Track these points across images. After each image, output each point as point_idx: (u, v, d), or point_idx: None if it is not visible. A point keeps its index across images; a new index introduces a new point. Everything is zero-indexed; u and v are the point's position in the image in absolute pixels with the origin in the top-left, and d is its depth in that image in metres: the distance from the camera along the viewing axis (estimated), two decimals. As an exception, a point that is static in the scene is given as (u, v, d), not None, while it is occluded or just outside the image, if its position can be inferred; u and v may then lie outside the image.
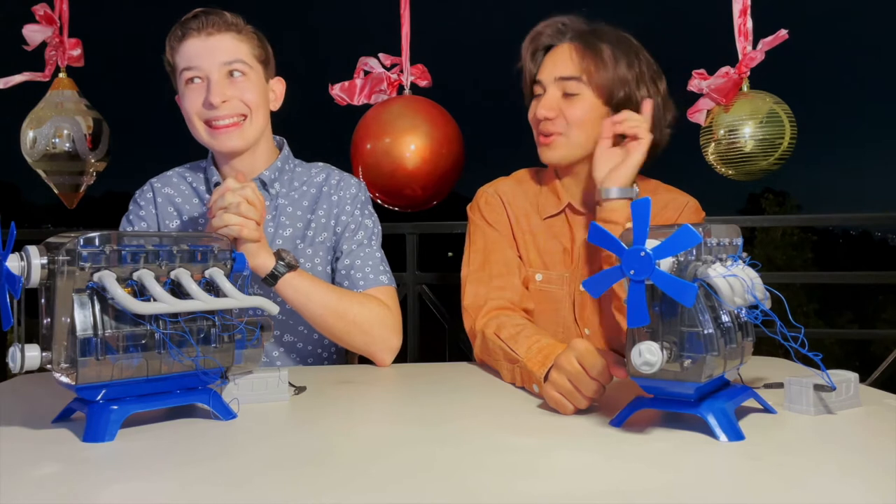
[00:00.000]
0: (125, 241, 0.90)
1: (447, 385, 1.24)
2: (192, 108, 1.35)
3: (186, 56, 1.34)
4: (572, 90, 1.38)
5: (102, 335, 0.86)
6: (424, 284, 2.36)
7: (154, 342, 0.90)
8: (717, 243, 0.89)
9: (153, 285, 0.88)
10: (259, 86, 1.39)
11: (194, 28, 1.34)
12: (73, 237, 0.88)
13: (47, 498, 0.68)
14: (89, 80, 2.44)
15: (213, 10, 1.36)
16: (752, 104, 2.15)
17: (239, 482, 0.73)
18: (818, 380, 0.96)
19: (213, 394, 0.97)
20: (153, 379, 0.91)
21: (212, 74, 1.34)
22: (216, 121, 1.35)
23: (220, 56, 1.34)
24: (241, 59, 1.36)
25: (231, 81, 1.35)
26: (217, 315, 0.96)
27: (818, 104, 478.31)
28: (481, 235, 1.47)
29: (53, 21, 2.28)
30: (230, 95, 1.35)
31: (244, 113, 1.37)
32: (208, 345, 0.95)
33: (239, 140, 1.37)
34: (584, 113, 1.38)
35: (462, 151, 2.21)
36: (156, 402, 0.92)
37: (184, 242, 0.95)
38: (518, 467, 0.77)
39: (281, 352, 1.43)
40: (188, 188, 1.48)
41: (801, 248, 23.18)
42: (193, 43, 1.34)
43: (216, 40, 1.34)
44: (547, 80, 1.40)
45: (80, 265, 0.86)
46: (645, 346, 0.82)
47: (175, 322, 0.91)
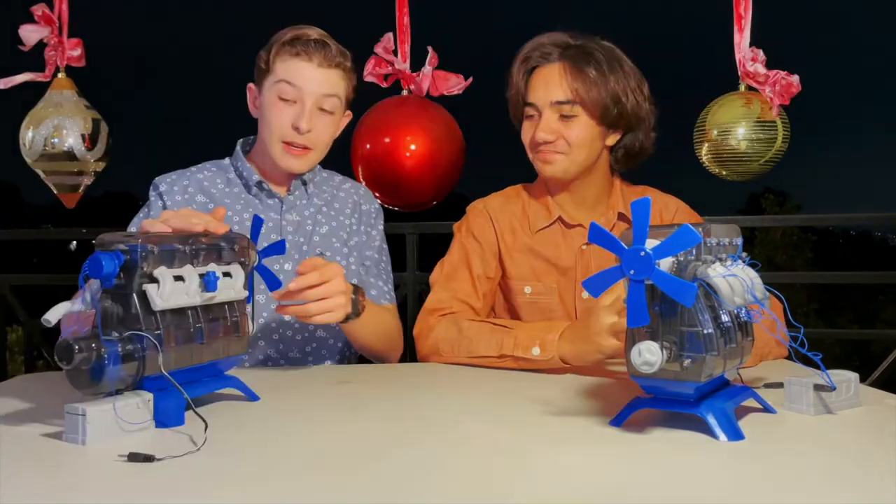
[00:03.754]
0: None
1: (447, 385, 1.24)
2: (277, 122, 1.40)
3: (291, 73, 1.38)
4: (568, 112, 1.41)
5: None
6: (424, 284, 2.36)
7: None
8: (716, 243, 0.89)
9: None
10: (338, 123, 1.47)
11: (307, 53, 1.38)
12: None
13: (47, 497, 0.68)
14: (90, 81, 2.44)
15: (328, 42, 1.41)
16: (745, 104, 2.15)
17: (238, 482, 0.73)
18: (818, 380, 0.96)
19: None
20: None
21: (307, 101, 1.39)
22: (294, 144, 1.40)
23: (322, 88, 1.40)
24: (338, 96, 1.43)
25: (320, 113, 1.41)
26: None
27: (818, 104, 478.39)
28: (460, 247, 1.52)
29: (52, 21, 2.28)
30: (314, 125, 1.40)
31: (318, 143, 1.43)
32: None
33: (303, 165, 1.44)
34: (583, 133, 1.42)
35: (462, 151, 2.21)
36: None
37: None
38: (518, 467, 0.77)
39: (313, 347, 1.46)
40: (217, 188, 1.47)
41: (801, 248, 23.17)
42: (304, 66, 1.39)
43: (324, 73, 1.40)
44: (541, 105, 1.42)
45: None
46: (645, 345, 0.82)
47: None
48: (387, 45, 2.19)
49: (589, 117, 1.40)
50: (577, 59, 1.40)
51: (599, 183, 1.49)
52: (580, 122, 1.40)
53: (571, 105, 1.39)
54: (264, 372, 1.30)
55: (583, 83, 1.38)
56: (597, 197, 1.50)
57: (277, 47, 1.40)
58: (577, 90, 1.39)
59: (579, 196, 1.49)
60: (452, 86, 2.20)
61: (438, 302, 1.45)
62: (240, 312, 1.05)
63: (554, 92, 1.40)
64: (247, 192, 1.48)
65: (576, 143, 1.41)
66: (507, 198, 1.55)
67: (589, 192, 1.48)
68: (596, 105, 1.39)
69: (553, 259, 1.47)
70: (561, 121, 1.41)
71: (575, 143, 1.41)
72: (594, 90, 1.38)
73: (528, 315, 1.48)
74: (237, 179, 1.49)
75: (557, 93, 1.40)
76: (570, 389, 1.14)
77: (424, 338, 1.40)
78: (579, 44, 1.42)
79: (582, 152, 1.42)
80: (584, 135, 1.40)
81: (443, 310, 1.43)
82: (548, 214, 1.49)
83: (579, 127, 1.40)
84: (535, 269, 1.48)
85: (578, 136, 1.40)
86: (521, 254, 1.49)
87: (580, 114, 1.40)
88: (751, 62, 2.11)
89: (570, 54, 1.41)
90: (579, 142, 1.41)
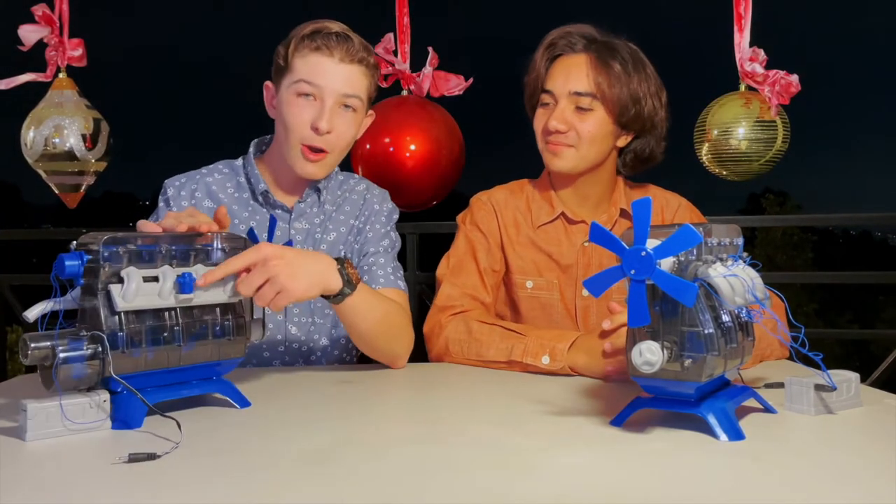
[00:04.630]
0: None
1: (447, 385, 1.24)
2: (296, 122, 1.33)
3: (310, 70, 1.32)
4: (585, 105, 1.39)
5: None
6: (424, 284, 2.36)
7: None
8: (717, 243, 0.89)
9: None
10: (360, 122, 1.40)
11: (328, 47, 1.32)
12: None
13: (47, 497, 0.68)
14: (91, 80, 2.44)
15: (350, 36, 1.34)
16: (745, 104, 2.15)
17: (238, 481, 0.73)
18: (819, 380, 0.96)
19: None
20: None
21: (327, 100, 1.32)
22: (312, 147, 1.34)
23: (343, 86, 1.33)
24: (359, 95, 1.36)
25: (341, 112, 1.35)
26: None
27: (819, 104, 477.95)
28: (465, 240, 1.50)
29: (52, 21, 2.28)
30: (335, 125, 1.34)
31: (336, 146, 1.36)
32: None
33: (320, 171, 1.38)
34: (597, 129, 1.40)
35: (462, 151, 2.21)
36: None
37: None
38: (518, 467, 0.77)
39: (325, 343, 1.44)
40: (226, 193, 1.44)
41: (801, 248, 23.18)
42: (323, 61, 1.32)
43: (345, 69, 1.33)
44: (559, 93, 1.40)
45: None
46: (645, 345, 0.82)
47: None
48: (387, 46, 2.19)
49: (606, 113, 1.39)
50: (603, 53, 1.38)
51: (604, 182, 1.48)
52: (596, 117, 1.39)
53: (591, 98, 1.38)
54: (265, 372, 1.30)
55: (606, 78, 1.37)
56: (600, 195, 1.49)
57: (296, 42, 1.33)
58: (599, 84, 1.37)
59: (583, 193, 1.48)
60: (453, 86, 2.19)
61: (448, 299, 1.43)
62: (239, 315, 1.03)
63: (575, 82, 1.38)
64: (254, 199, 1.43)
65: (587, 137, 1.39)
66: (512, 191, 1.54)
67: (593, 190, 1.48)
68: (615, 102, 1.38)
69: (555, 255, 1.47)
70: (576, 112, 1.39)
71: (586, 138, 1.39)
72: (616, 86, 1.37)
73: (529, 310, 1.48)
74: (247, 184, 1.44)
75: (579, 84, 1.38)
76: (570, 389, 1.14)
77: (436, 337, 1.40)
78: (606, 39, 1.41)
79: (592, 148, 1.40)
80: (597, 130, 1.39)
81: (454, 307, 1.42)
82: (551, 210, 1.49)
83: (594, 121, 1.39)
84: (538, 263, 1.48)
85: (591, 130, 1.39)
86: (523, 248, 1.48)
87: (597, 108, 1.38)
88: (749, 62, 2.11)
89: (595, 47, 1.40)
90: (591, 137, 1.39)
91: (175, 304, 0.95)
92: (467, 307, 1.42)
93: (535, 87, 1.46)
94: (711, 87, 2.57)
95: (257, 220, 1.41)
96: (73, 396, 0.87)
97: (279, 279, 1.03)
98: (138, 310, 0.92)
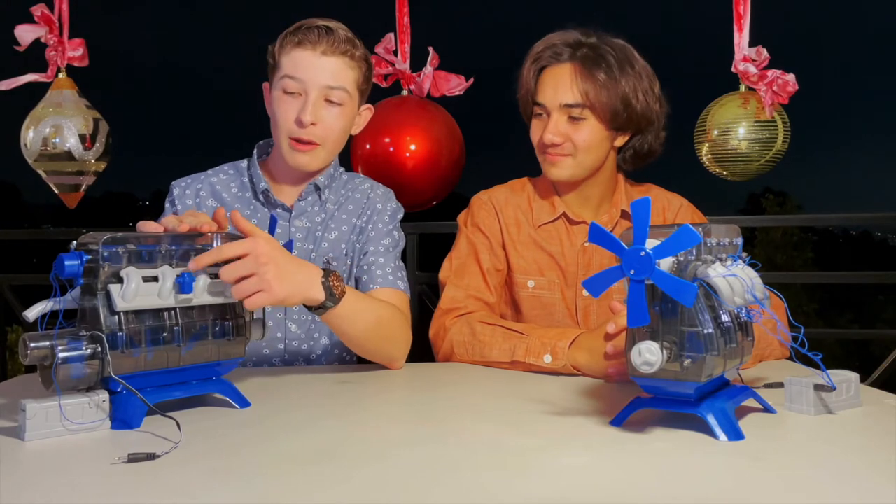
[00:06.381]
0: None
1: (447, 385, 1.24)
2: (283, 118, 1.35)
3: (293, 65, 1.33)
4: (577, 115, 1.39)
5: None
6: (425, 285, 2.36)
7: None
8: (717, 243, 0.89)
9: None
10: (350, 115, 1.40)
11: (310, 41, 1.33)
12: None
13: (46, 497, 0.68)
14: (92, 80, 2.44)
15: (334, 27, 1.35)
16: (742, 104, 2.15)
17: (237, 481, 0.73)
18: (818, 380, 0.96)
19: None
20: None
21: (311, 93, 1.33)
22: (300, 140, 1.35)
23: (325, 79, 1.33)
24: (345, 87, 1.36)
25: (327, 105, 1.35)
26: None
27: (819, 104, 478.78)
28: (467, 241, 1.50)
29: (52, 22, 2.28)
30: (321, 118, 1.35)
31: (327, 138, 1.37)
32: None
33: (312, 162, 1.38)
34: (591, 137, 1.40)
35: (462, 151, 2.21)
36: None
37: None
38: (518, 467, 0.77)
39: (326, 342, 1.44)
40: (229, 192, 1.45)
41: (801, 248, 23.17)
42: (305, 55, 1.33)
43: (327, 61, 1.33)
44: (550, 106, 1.41)
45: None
46: (645, 345, 0.82)
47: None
48: (387, 46, 2.19)
49: (598, 121, 1.39)
50: (588, 60, 1.38)
51: (605, 182, 1.49)
52: (588, 126, 1.39)
53: (581, 108, 1.38)
54: (265, 372, 1.30)
55: (593, 85, 1.37)
56: (602, 195, 1.50)
57: (282, 39, 1.36)
58: (586, 93, 1.37)
59: (584, 195, 1.48)
60: (453, 86, 2.20)
61: (452, 301, 1.44)
62: (238, 315, 1.03)
63: (563, 94, 1.39)
64: (256, 198, 1.45)
65: (583, 146, 1.40)
66: (513, 190, 1.54)
67: (594, 191, 1.48)
68: (605, 109, 1.38)
69: (556, 254, 1.47)
70: (570, 123, 1.40)
71: (582, 147, 1.40)
72: (603, 94, 1.37)
73: (530, 310, 1.48)
74: (249, 184, 1.46)
75: (567, 95, 1.39)
76: (570, 389, 1.14)
77: (441, 340, 1.40)
78: (592, 42, 1.41)
79: (589, 156, 1.41)
80: (592, 138, 1.40)
81: (458, 310, 1.42)
82: (552, 210, 1.49)
83: (588, 130, 1.39)
84: (539, 263, 1.48)
85: (586, 139, 1.39)
86: (525, 247, 1.49)
87: (589, 117, 1.39)
88: (741, 62, 2.11)
89: (580, 55, 1.39)
90: (587, 145, 1.40)
91: (175, 305, 0.95)
92: (471, 308, 1.42)
93: (527, 100, 1.47)
94: (711, 87, 2.57)
95: (258, 218, 1.43)
96: (72, 396, 0.88)
97: (266, 277, 1.01)
98: (138, 310, 0.92)
